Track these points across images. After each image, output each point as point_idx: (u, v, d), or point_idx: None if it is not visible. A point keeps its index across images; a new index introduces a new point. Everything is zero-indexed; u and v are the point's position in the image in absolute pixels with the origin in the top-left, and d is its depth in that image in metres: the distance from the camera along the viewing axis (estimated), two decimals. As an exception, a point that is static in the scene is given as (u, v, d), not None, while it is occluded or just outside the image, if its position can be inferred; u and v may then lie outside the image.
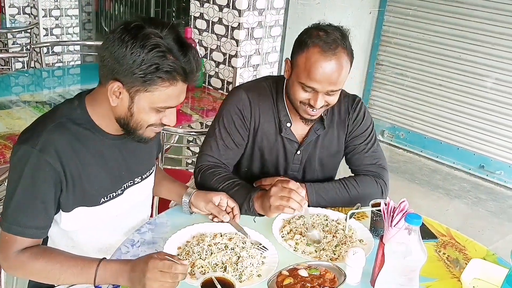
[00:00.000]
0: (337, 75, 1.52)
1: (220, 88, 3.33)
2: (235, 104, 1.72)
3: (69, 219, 1.36)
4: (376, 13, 4.59)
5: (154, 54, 1.19)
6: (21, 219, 1.26)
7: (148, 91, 1.23)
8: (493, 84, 4.05)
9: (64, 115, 1.32)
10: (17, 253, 1.28)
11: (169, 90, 1.24)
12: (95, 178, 1.36)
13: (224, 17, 3.16)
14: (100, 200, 1.40)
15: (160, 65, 1.19)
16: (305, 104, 1.60)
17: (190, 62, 1.24)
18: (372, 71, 4.76)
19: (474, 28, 4.05)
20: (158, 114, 1.29)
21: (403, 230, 1.19)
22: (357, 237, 1.55)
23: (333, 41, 1.51)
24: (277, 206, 1.48)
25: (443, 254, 1.52)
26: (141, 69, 1.19)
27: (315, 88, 1.54)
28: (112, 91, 1.25)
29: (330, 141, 1.79)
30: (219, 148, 1.72)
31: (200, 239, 1.44)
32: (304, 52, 1.53)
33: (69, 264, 1.27)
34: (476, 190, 4.05)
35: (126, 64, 1.20)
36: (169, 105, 1.28)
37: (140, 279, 1.19)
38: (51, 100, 2.83)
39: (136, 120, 1.29)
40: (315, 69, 1.51)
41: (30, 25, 4.59)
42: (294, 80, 1.58)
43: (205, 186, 1.66)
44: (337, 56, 1.51)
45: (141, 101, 1.25)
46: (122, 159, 1.43)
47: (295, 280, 1.26)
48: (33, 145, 1.24)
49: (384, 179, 1.77)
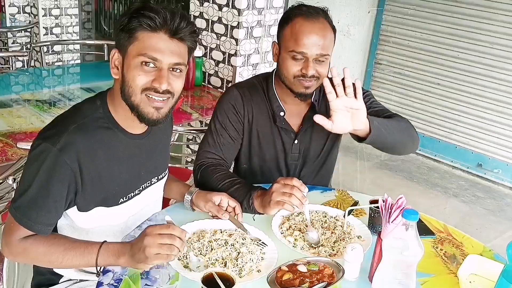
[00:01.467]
0: (323, 39, 1.61)
1: (219, 87, 3.35)
2: (228, 101, 1.79)
3: (86, 218, 1.38)
4: (374, 12, 4.60)
5: (135, 6, 1.27)
6: (32, 213, 1.28)
7: (132, 41, 1.27)
8: (491, 83, 4.06)
9: (87, 115, 1.33)
10: (20, 240, 1.30)
11: (151, 39, 1.26)
12: (115, 179, 1.37)
13: (223, 16, 3.17)
14: (119, 200, 1.42)
15: (142, 14, 1.25)
16: (298, 77, 1.65)
17: (171, 12, 1.27)
18: (371, 70, 4.78)
19: (472, 27, 4.07)
20: (145, 74, 1.27)
21: (400, 226, 1.21)
22: (355, 234, 1.56)
23: (314, 11, 1.64)
24: (277, 202, 1.49)
25: (440, 250, 1.54)
26: (124, 20, 1.26)
27: (305, 52, 1.60)
28: (113, 61, 1.30)
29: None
30: (217, 144, 1.76)
31: (200, 235, 1.46)
32: (289, 24, 1.64)
33: (71, 246, 1.30)
34: (474, 188, 4.08)
35: (119, 25, 1.27)
36: (152, 54, 1.26)
37: (139, 247, 1.21)
38: (51, 98, 2.85)
39: (127, 82, 1.28)
40: (302, 33, 1.60)
41: (30, 24, 4.61)
42: (284, 55, 1.66)
43: (204, 184, 1.68)
44: (320, 21, 1.62)
45: (129, 56, 1.28)
46: (142, 159, 1.44)
47: (294, 275, 1.28)
48: (54, 143, 1.25)
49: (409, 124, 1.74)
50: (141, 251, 1.21)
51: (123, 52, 1.29)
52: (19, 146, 2.09)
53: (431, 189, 3.97)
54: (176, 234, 1.22)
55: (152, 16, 1.24)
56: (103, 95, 1.38)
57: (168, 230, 1.22)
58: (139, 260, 1.22)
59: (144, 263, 1.23)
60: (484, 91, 4.11)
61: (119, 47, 1.30)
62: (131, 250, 1.25)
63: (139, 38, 1.26)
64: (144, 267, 1.25)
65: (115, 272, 1.30)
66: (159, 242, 1.20)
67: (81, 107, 1.37)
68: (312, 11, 1.63)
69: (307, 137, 1.83)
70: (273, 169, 1.87)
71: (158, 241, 1.20)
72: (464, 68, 4.18)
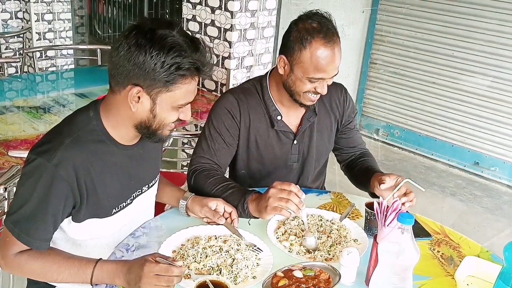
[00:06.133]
0: (339, 60, 1.64)
1: (214, 90, 3.33)
2: (223, 106, 1.77)
3: (79, 229, 1.37)
4: (369, 12, 4.60)
5: (173, 54, 1.21)
6: (30, 229, 1.27)
7: (170, 90, 1.26)
8: (486, 81, 4.06)
9: (80, 127, 1.32)
10: (16, 254, 1.29)
11: (189, 86, 1.28)
12: (109, 190, 1.37)
13: (216, 19, 3.16)
14: (112, 211, 1.41)
15: (180, 63, 1.22)
16: (310, 93, 1.66)
17: (203, 55, 1.27)
18: (366, 70, 4.77)
19: (466, 25, 4.06)
20: (177, 112, 1.32)
21: (396, 229, 1.20)
22: (351, 237, 1.55)
23: (328, 30, 1.60)
24: (274, 207, 1.48)
25: (437, 252, 1.53)
26: (162, 71, 1.22)
27: (324, 78, 1.62)
28: (132, 96, 1.26)
29: (323, 127, 1.86)
30: (211, 149, 1.75)
31: (194, 242, 1.44)
32: (307, 48, 1.59)
33: (66, 264, 1.29)
34: (471, 186, 4.07)
35: (147, 68, 1.21)
36: (188, 100, 1.31)
37: (136, 282, 1.21)
38: (44, 105, 2.83)
39: (159, 121, 1.31)
40: (323, 61, 1.59)
41: (23, 30, 4.58)
42: (299, 75, 1.64)
43: (198, 189, 1.67)
44: (336, 43, 1.61)
45: (163, 102, 1.28)
46: (132, 168, 1.44)
47: (290, 281, 1.26)
48: (49, 159, 1.24)
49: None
50: (138, 285, 1.20)
51: (152, 94, 1.26)
52: (10, 155, 2.07)
53: (428, 188, 3.96)
54: (174, 275, 1.20)
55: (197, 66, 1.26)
56: (96, 106, 1.36)
57: (166, 272, 1.19)
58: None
59: None
60: (479, 89, 4.11)
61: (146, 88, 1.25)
62: (127, 274, 1.24)
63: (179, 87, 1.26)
64: None
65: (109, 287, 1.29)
66: (156, 284, 1.19)
67: (74, 119, 1.36)
68: (326, 31, 1.59)
69: (306, 137, 1.83)
70: (273, 172, 1.85)
71: (155, 283, 1.19)
72: (459, 66, 4.17)
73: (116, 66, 1.24)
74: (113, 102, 1.32)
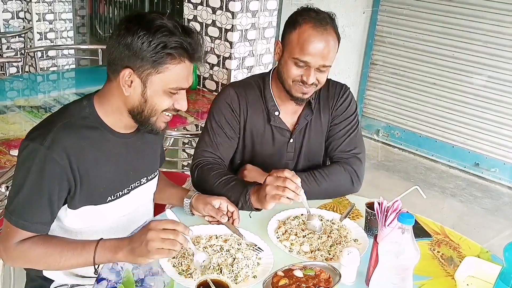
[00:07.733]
0: (328, 50, 1.61)
1: (214, 90, 3.34)
2: (224, 100, 1.78)
3: (75, 217, 1.38)
4: (369, 12, 4.60)
5: (160, 34, 1.23)
6: (27, 214, 1.28)
7: (159, 72, 1.26)
8: (486, 82, 4.06)
9: (73, 114, 1.34)
10: (18, 243, 1.30)
11: (178, 69, 1.28)
12: (103, 176, 1.37)
13: (217, 19, 3.17)
14: (107, 198, 1.41)
15: (167, 42, 1.24)
16: (298, 82, 1.65)
17: (194, 39, 1.28)
18: (366, 70, 4.77)
19: (466, 26, 4.07)
20: (170, 98, 1.32)
21: (396, 229, 1.20)
22: (352, 237, 1.56)
23: (323, 19, 1.62)
24: (273, 196, 1.49)
25: (437, 253, 1.53)
26: (149, 50, 1.24)
27: (308, 62, 1.60)
28: (124, 79, 1.27)
29: (319, 126, 1.84)
30: (214, 143, 1.76)
31: (195, 241, 1.45)
32: (297, 29, 1.62)
33: (69, 247, 1.30)
34: (471, 187, 4.07)
35: (135, 48, 1.24)
36: (179, 85, 1.30)
37: (141, 241, 1.21)
38: (45, 104, 2.84)
39: (150, 105, 1.31)
40: (308, 43, 1.59)
41: (24, 30, 4.58)
42: (287, 58, 1.65)
43: (201, 183, 1.68)
44: (327, 32, 1.61)
45: (154, 85, 1.28)
46: (129, 158, 1.45)
47: (290, 280, 1.26)
48: (41, 142, 1.26)
49: (355, 168, 1.77)
50: (143, 245, 1.21)
51: (143, 76, 1.27)
52: (12, 154, 2.08)
53: (429, 189, 3.97)
54: (180, 229, 1.22)
55: (186, 48, 1.26)
56: (89, 97, 1.39)
57: (172, 226, 1.22)
58: (140, 254, 1.22)
59: (145, 257, 1.22)
60: (479, 90, 4.11)
61: (136, 69, 1.26)
62: (130, 244, 1.25)
63: (169, 68, 1.27)
64: (144, 261, 1.24)
65: (110, 280, 1.29)
66: (162, 236, 1.20)
67: (67, 108, 1.38)
68: (321, 19, 1.61)
69: (302, 136, 1.83)
70: (268, 168, 1.85)
71: (161, 235, 1.20)
72: (460, 67, 4.18)
73: (109, 52, 1.28)
74: (107, 89, 1.35)
